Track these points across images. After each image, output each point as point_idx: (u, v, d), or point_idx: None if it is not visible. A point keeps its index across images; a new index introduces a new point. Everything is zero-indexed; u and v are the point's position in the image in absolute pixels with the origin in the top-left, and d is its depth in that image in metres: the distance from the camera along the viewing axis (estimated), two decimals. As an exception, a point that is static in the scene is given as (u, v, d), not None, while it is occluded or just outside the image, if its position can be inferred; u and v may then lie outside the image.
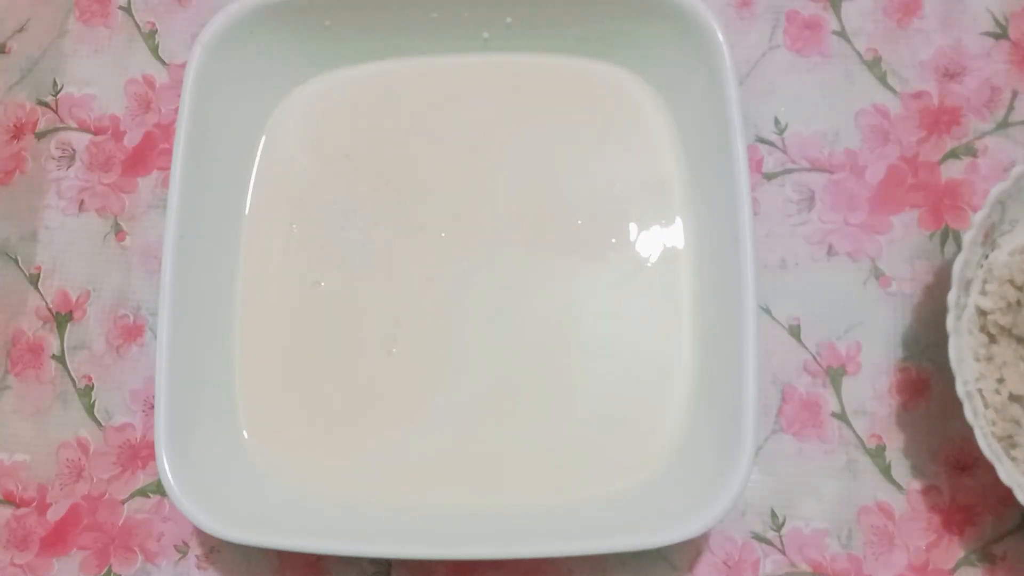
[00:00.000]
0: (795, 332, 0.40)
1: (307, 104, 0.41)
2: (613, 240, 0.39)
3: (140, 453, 0.40)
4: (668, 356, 0.38)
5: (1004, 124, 0.41)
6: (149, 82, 0.44)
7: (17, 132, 0.44)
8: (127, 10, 0.45)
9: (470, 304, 0.39)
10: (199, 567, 0.39)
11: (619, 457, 0.37)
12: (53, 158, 0.44)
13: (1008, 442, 0.35)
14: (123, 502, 0.40)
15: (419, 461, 0.37)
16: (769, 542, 0.39)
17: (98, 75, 0.45)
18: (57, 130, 0.44)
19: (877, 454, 0.39)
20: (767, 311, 0.40)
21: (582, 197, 0.40)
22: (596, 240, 0.39)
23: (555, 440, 0.37)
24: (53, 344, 0.42)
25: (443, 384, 0.38)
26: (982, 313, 0.37)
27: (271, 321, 0.39)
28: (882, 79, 0.42)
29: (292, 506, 0.36)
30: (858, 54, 0.42)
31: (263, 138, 0.41)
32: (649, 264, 0.39)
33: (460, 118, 0.41)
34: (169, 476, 0.33)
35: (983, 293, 0.37)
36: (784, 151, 0.42)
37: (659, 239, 0.39)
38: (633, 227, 0.39)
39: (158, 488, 0.40)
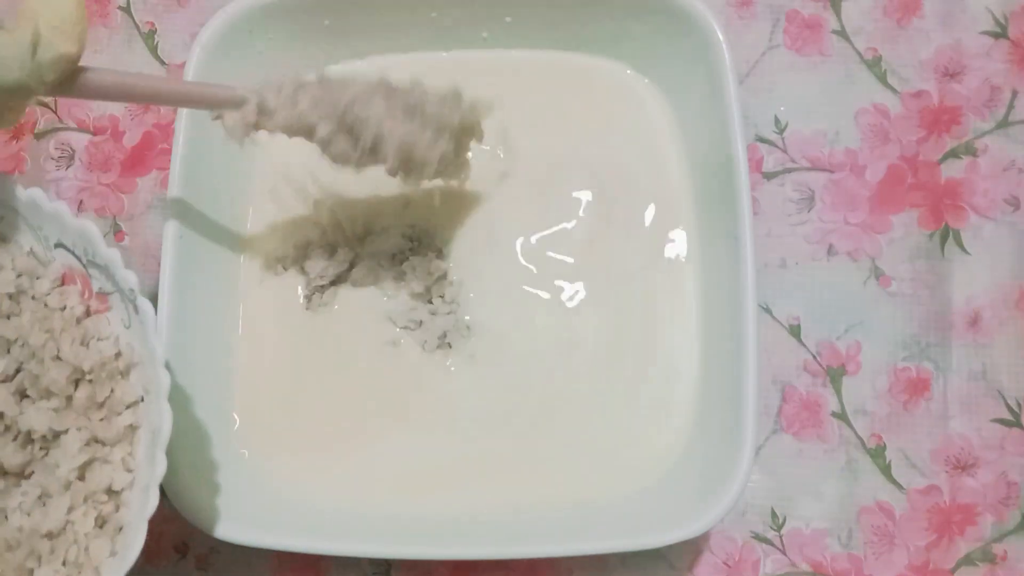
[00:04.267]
0: (795, 332, 0.40)
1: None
2: (612, 238, 0.39)
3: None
4: (668, 356, 0.38)
5: (1004, 123, 0.41)
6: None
7: (16, 132, 0.44)
8: (126, 10, 0.45)
9: (470, 305, 0.39)
10: (199, 567, 0.39)
11: (619, 458, 0.37)
12: (52, 158, 0.44)
13: None
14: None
15: (419, 462, 0.37)
16: (769, 542, 0.39)
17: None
18: (56, 130, 0.44)
19: (877, 454, 0.39)
20: (767, 311, 0.40)
21: (582, 194, 0.40)
22: (595, 238, 0.39)
23: (555, 442, 0.37)
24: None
25: (444, 386, 0.38)
26: None
27: (271, 321, 0.39)
28: (882, 78, 0.42)
29: (292, 507, 0.36)
30: (858, 53, 0.42)
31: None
32: (649, 264, 0.39)
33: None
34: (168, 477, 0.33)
35: None
36: (784, 150, 0.42)
37: (659, 238, 0.39)
38: (633, 226, 0.39)
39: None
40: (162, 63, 0.44)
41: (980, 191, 0.41)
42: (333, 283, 0.39)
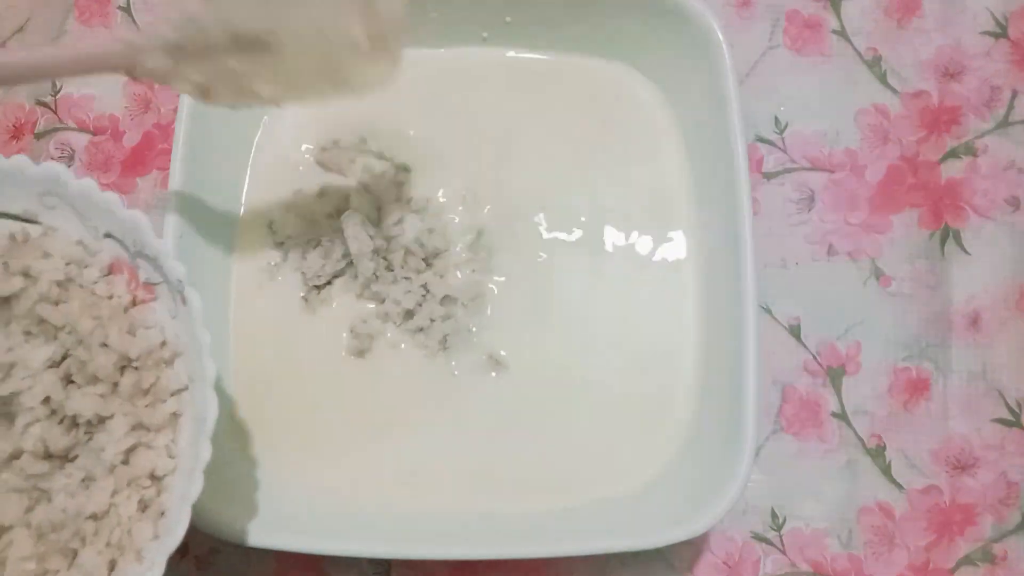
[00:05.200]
0: (795, 332, 0.40)
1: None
2: (613, 238, 0.39)
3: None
4: (668, 356, 0.38)
5: (1004, 123, 0.41)
6: (148, 82, 0.44)
7: (16, 132, 0.44)
8: (126, 10, 0.45)
9: (472, 308, 0.39)
10: (199, 567, 0.39)
11: (620, 458, 0.37)
12: (52, 158, 0.44)
13: None
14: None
15: (419, 462, 0.37)
16: (769, 542, 0.39)
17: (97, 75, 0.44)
18: (56, 130, 0.44)
19: (877, 454, 0.39)
20: (767, 311, 0.40)
21: (583, 194, 0.40)
22: (596, 238, 0.39)
23: (556, 442, 0.37)
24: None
25: (443, 387, 0.38)
26: None
27: (270, 321, 0.39)
28: (882, 78, 0.42)
29: (292, 507, 0.36)
30: (858, 53, 0.42)
31: (259, 133, 0.41)
32: (649, 263, 0.39)
33: (460, 114, 0.41)
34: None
35: None
36: (784, 150, 0.42)
37: (659, 238, 0.39)
38: (633, 226, 0.39)
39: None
40: (162, 63, 0.44)
41: (980, 191, 0.41)
42: (329, 283, 0.39)
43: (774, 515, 0.39)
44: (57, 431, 0.31)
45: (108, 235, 0.33)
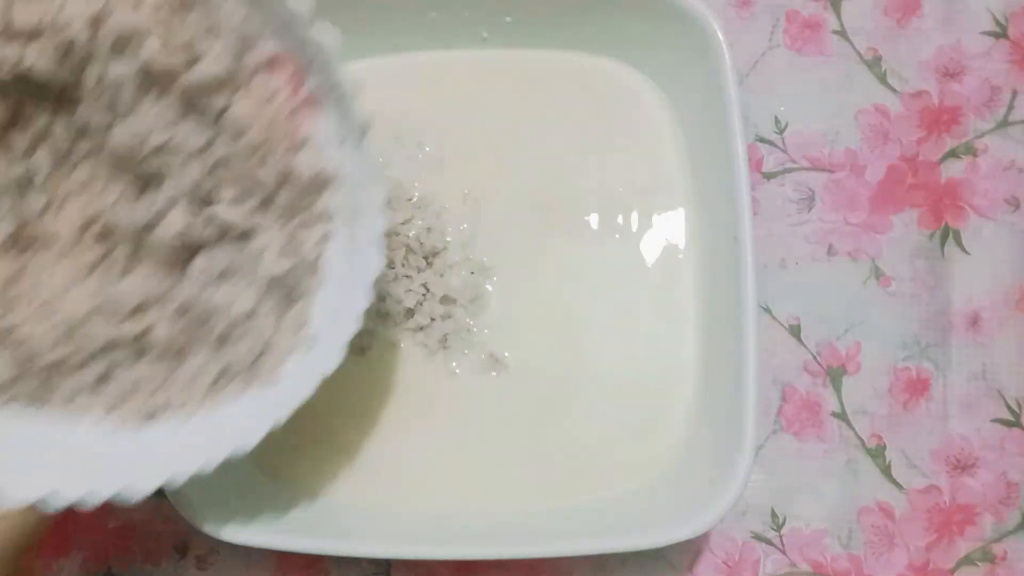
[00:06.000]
0: (795, 332, 0.40)
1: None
2: (613, 238, 0.39)
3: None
4: (668, 356, 0.38)
5: (1004, 123, 0.41)
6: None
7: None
8: (126, 10, 0.45)
9: (471, 307, 0.39)
10: (199, 567, 0.39)
11: (620, 458, 0.37)
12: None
13: None
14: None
15: (419, 461, 0.37)
16: (769, 542, 0.39)
17: (97, 75, 0.44)
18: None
19: (877, 454, 0.39)
20: (767, 311, 0.40)
21: (583, 194, 0.40)
22: (596, 238, 0.39)
23: (555, 442, 0.37)
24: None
25: (444, 386, 0.38)
26: None
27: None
28: (882, 78, 0.42)
29: (291, 507, 0.36)
30: (858, 53, 0.42)
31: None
32: (649, 264, 0.39)
33: (460, 113, 0.41)
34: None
35: None
36: (784, 150, 0.42)
37: (659, 238, 0.39)
38: (633, 226, 0.39)
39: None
40: (162, 63, 0.44)
41: (980, 191, 0.41)
42: None
43: (774, 515, 0.39)
44: (200, 226, 0.29)
45: (281, 28, 0.28)
